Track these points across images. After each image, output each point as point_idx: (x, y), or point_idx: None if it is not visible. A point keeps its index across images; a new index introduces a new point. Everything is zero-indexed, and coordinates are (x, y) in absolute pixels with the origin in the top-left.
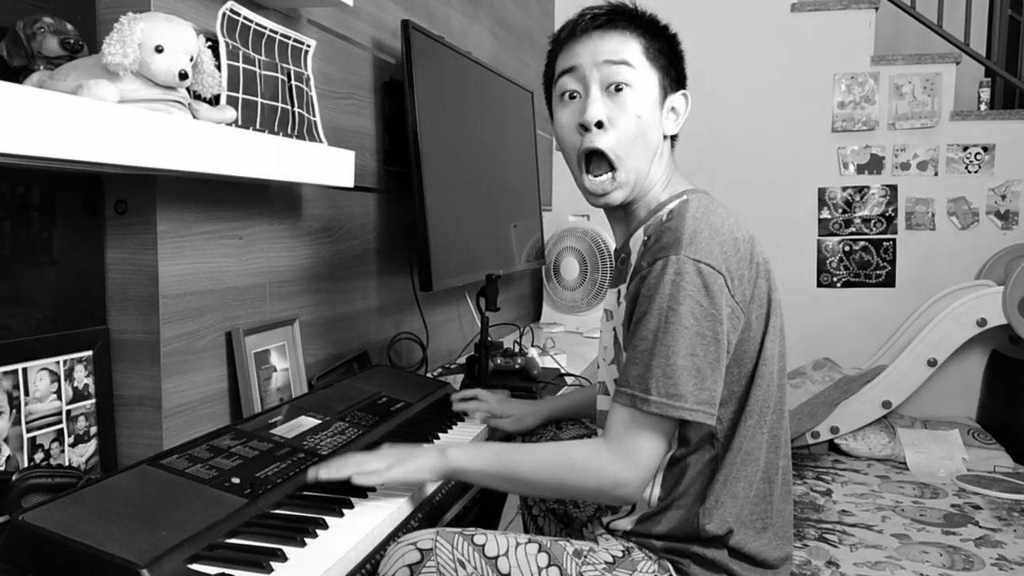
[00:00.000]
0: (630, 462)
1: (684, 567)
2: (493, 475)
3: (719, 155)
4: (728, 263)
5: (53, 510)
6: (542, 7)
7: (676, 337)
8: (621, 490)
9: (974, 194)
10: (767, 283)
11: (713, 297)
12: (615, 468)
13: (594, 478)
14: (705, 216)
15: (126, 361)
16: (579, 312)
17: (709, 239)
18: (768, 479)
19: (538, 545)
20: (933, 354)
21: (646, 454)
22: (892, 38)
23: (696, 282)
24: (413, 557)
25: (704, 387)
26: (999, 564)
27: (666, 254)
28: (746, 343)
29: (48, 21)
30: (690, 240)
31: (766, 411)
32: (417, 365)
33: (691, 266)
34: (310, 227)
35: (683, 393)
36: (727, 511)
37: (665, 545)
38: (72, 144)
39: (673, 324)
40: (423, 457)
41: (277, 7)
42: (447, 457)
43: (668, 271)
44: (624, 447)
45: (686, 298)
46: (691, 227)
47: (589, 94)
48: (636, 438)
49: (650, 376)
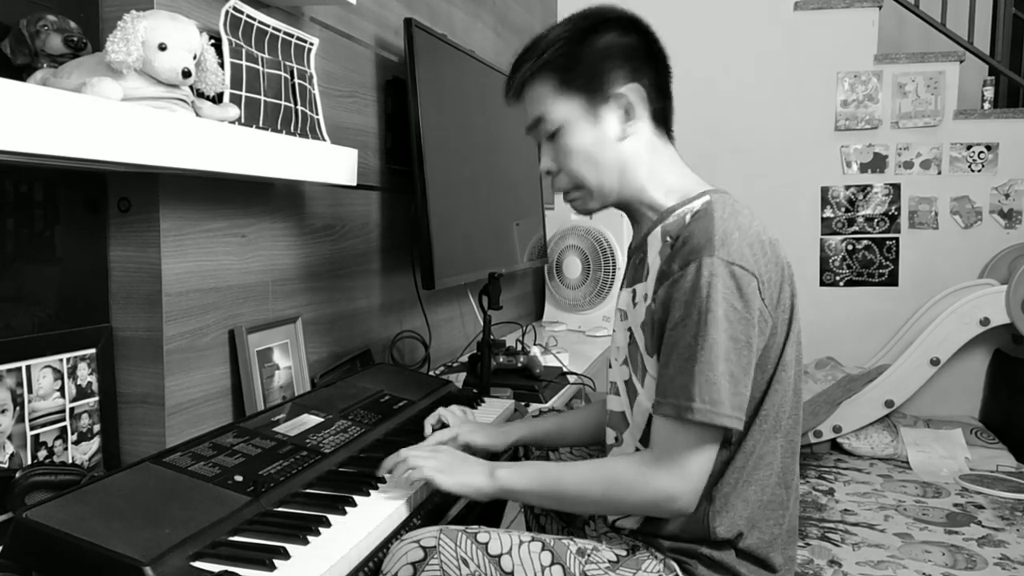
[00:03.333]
0: (680, 474)
1: (691, 567)
2: (541, 494)
3: (722, 153)
4: (759, 265)
5: (56, 508)
6: (545, 5)
7: (714, 342)
8: (674, 504)
9: (977, 193)
10: (790, 288)
11: (747, 300)
12: (665, 482)
13: (645, 493)
14: (733, 217)
15: (129, 359)
16: (581, 311)
17: (740, 240)
18: (785, 484)
19: (541, 544)
20: (936, 353)
21: (696, 464)
22: (895, 36)
23: (730, 285)
24: (417, 555)
25: (738, 392)
26: (1002, 563)
27: (698, 256)
28: (770, 348)
29: (52, 19)
30: (722, 242)
31: (782, 415)
32: (419, 363)
33: (724, 268)
34: (313, 225)
35: (723, 399)
36: (737, 514)
37: (672, 545)
38: (75, 142)
39: (711, 329)
40: (473, 474)
41: (280, 5)
42: (496, 478)
43: (703, 273)
44: (673, 459)
45: (721, 301)
46: (721, 228)
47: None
48: (684, 449)
49: (693, 384)
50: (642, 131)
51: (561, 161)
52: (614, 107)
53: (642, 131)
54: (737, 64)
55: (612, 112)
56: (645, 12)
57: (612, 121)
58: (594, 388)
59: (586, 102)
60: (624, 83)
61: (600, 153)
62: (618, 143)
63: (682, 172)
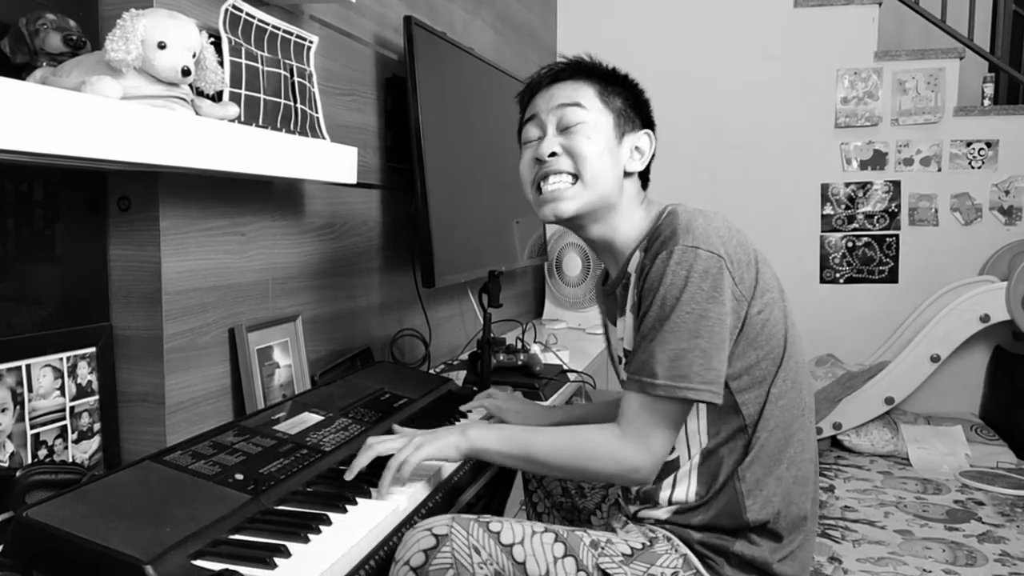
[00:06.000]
0: (643, 447)
1: (717, 567)
2: (512, 455)
3: (722, 151)
4: (726, 246)
5: (57, 506)
6: (544, 3)
7: (679, 322)
8: (637, 475)
9: (977, 190)
10: (769, 269)
11: (714, 279)
12: (629, 452)
13: (610, 463)
14: (698, 212)
15: (129, 358)
16: (581, 308)
17: (705, 226)
18: (812, 460)
19: (554, 535)
20: (936, 350)
21: (658, 438)
22: (895, 33)
23: (697, 267)
24: (429, 542)
25: (710, 367)
26: (1002, 560)
27: (667, 247)
28: (765, 325)
29: (51, 18)
30: (686, 230)
31: (803, 391)
32: (420, 361)
33: (690, 253)
34: (313, 223)
35: (688, 375)
36: (771, 491)
37: (704, 538)
38: (75, 141)
39: (676, 310)
40: (447, 436)
41: (280, 3)
42: (468, 437)
43: (670, 261)
44: (638, 432)
45: (687, 283)
46: (685, 220)
47: (546, 134)
48: (648, 423)
49: (655, 361)
50: (636, 175)
51: (575, 144)
52: (635, 141)
53: (636, 175)
54: (737, 61)
55: (632, 144)
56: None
57: (629, 151)
58: (594, 385)
59: (616, 123)
60: (647, 128)
61: (608, 156)
62: (623, 167)
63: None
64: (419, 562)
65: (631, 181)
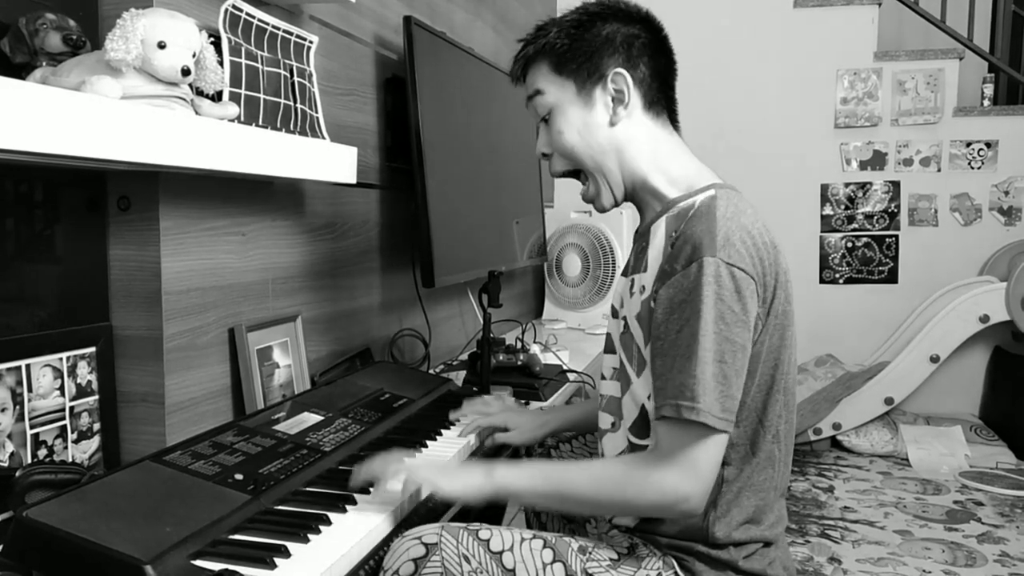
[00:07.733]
0: (692, 473)
1: (689, 564)
2: (543, 494)
3: (721, 151)
4: (757, 269)
5: (56, 506)
6: (544, 3)
7: (709, 343)
8: (687, 504)
9: (977, 190)
10: (785, 294)
11: (745, 303)
12: (675, 481)
13: (655, 494)
14: (736, 217)
15: (129, 357)
16: (581, 308)
17: (742, 242)
18: (778, 489)
19: (543, 541)
20: (936, 350)
21: (705, 462)
22: (895, 34)
23: (729, 287)
24: (418, 551)
25: (729, 395)
26: (1001, 560)
27: (699, 256)
28: (763, 355)
29: (51, 17)
30: (724, 243)
31: (779, 423)
32: (419, 361)
33: (725, 270)
34: (312, 223)
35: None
36: (734, 519)
37: (670, 542)
38: (75, 140)
39: (706, 329)
40: (471, 475)
41: (279, 3)
42: (494, 478)
43: (703, 273)
44: (683, 458)
45: (719, 303)
46: (723, 228)
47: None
48: (692, 447)
49: (694, 383)
50: (635, 118)
51: (554, 142)
52: (603, 91)
53: (635, 118)
54: (737, 61)
55: (602, 97)
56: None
57: (602, 105)
58: (594, 385)
59: (578, 86)
60: (615, 69)
61: (591, 136)
62: (609, 128)
63: (686, 162)
64: (408, 571)
65: (627, 126)
